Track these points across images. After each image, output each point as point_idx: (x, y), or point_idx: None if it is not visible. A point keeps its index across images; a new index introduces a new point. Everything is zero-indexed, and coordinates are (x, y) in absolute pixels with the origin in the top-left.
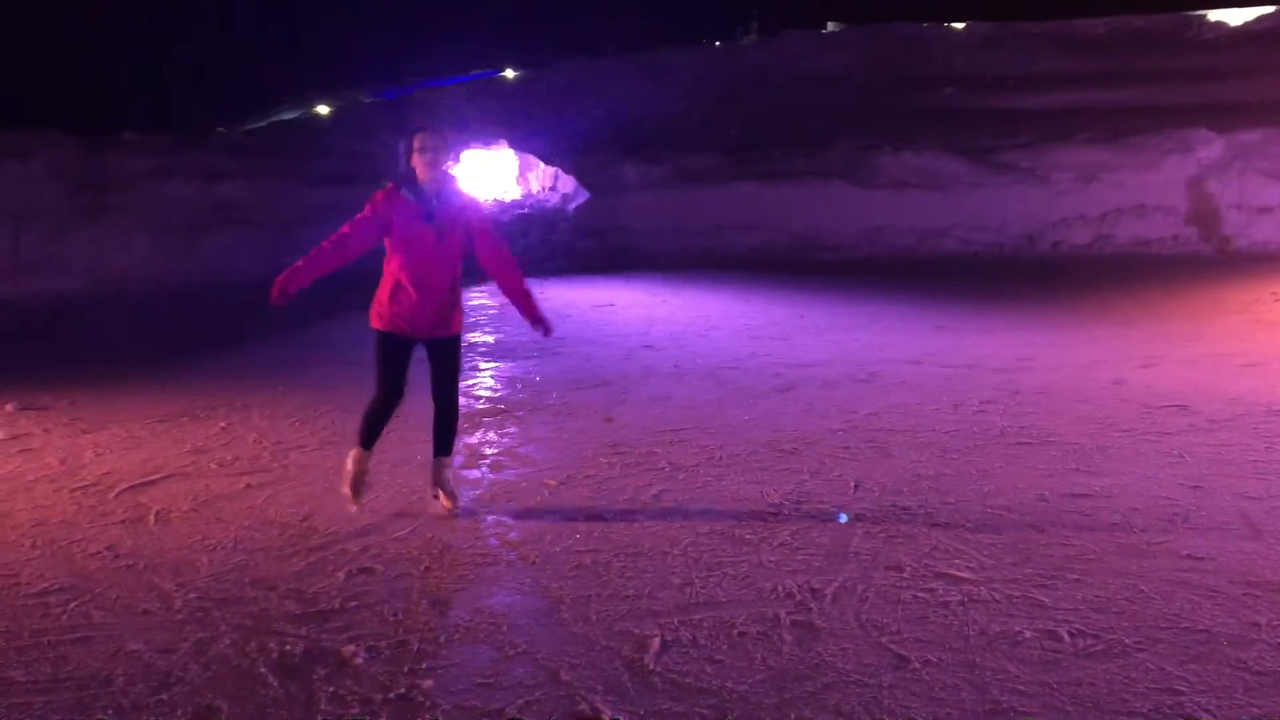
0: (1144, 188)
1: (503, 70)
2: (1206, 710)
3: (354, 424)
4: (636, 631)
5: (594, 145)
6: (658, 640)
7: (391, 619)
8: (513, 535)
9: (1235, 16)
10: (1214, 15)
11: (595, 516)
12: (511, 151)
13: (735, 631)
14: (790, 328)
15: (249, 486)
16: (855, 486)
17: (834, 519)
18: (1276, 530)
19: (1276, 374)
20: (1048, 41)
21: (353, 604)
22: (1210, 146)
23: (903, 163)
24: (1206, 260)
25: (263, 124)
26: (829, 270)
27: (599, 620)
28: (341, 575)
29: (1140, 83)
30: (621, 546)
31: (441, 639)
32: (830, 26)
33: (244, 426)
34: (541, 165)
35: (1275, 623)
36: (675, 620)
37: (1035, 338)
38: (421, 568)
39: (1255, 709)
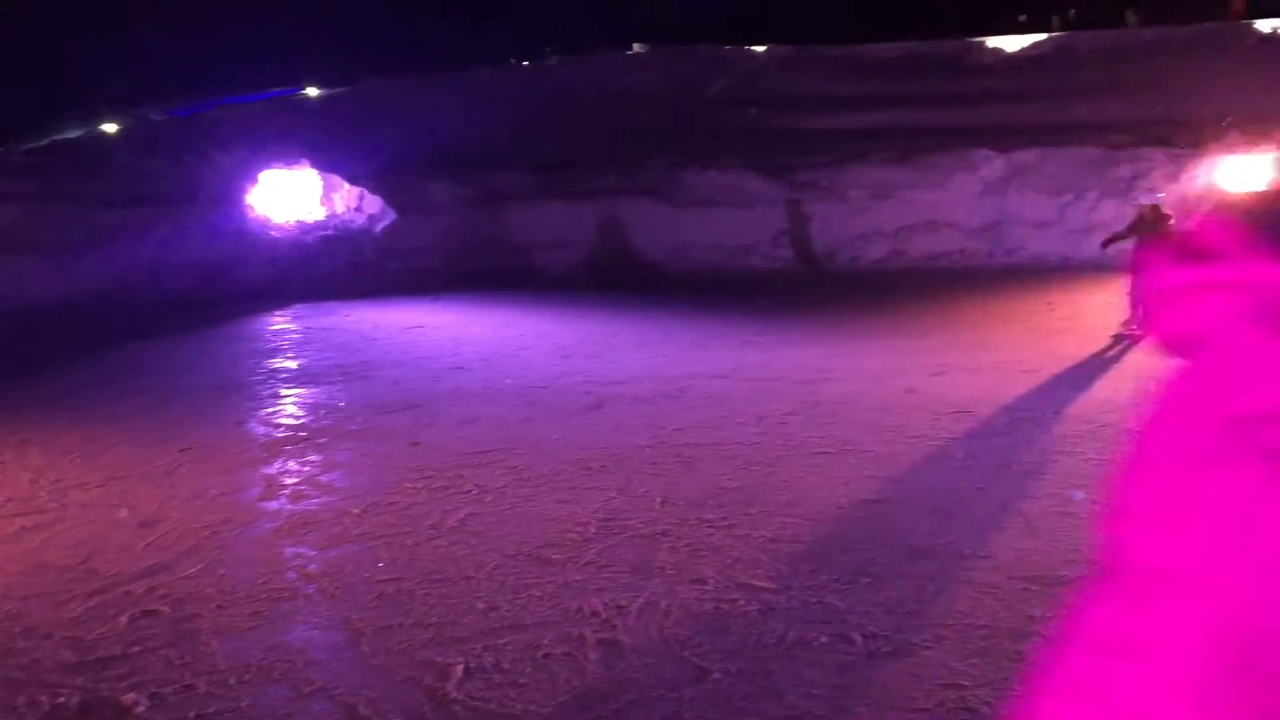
0: (934, 204)
1: (304, 87)
2: (986, 703)
3: (143, 457)
4: (439, 660)
5: (402, 165)
6: (461, 667)
7: (178, 663)
8: (312, 568)
9: (1011, 43)
10: (992, 42)
11: (399, 544)
12: (314, 171)
13: (540, 654)
14: (600, 345)
15: (23, 529)
16: (662, 502)
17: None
18: (1050, 528)
19: (1055, 378)
20: (843, 65)
21: (135, 649)
22: (992, 165)
23: (709, 181)
24: (991, 272)
25: (43, 143)
26: (639, 286)
27: (401, 650)
28: (124, 619)
29: (929, 105)
30: (425, 573)
31: (232, 680)
32: (637, 47)
33: (19, 465)
34: (346, 185)
35: (1050, 615)
36: (479, 646)
37: (835, 350)
38: (213, 606)
39: None
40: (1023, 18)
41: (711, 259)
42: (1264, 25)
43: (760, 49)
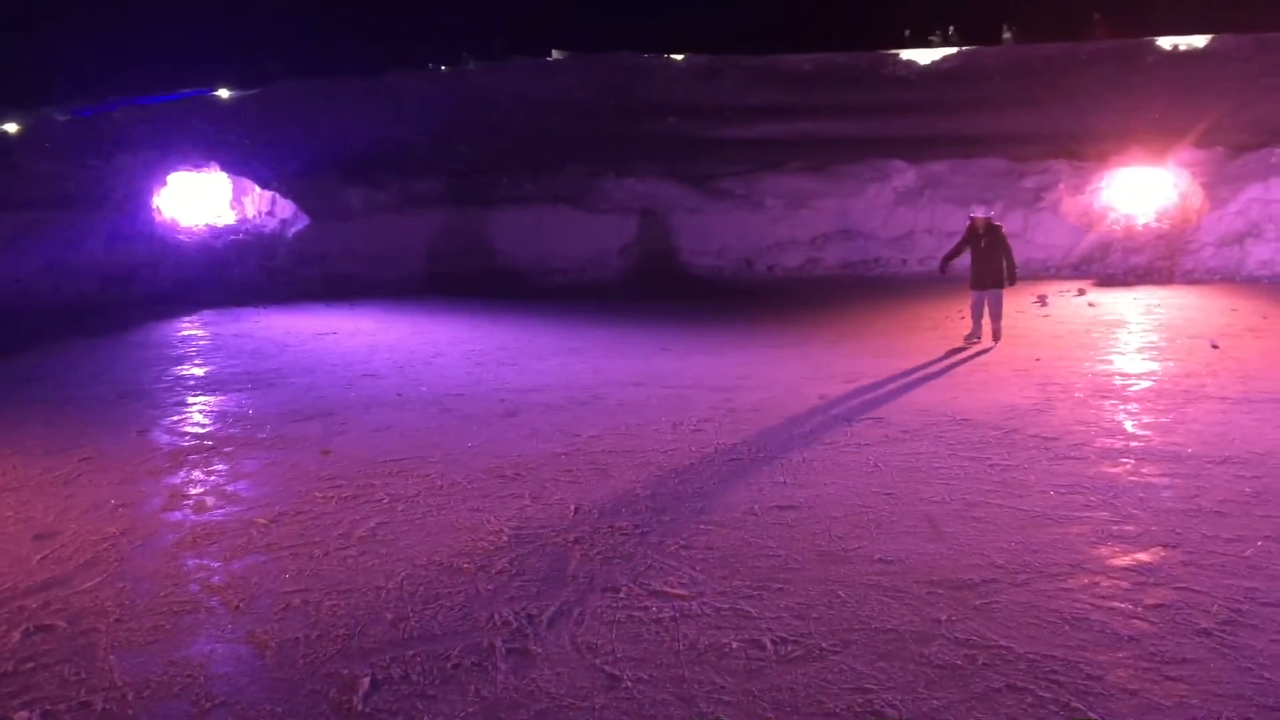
0: (848, 213)
1: (216, 89)
2: (893, 706)
3: (40, 467)
4: (345, 672)
5: (316, 169)
6: (368, 680)
7: (73, 679)
8: (216, 580)
9: (924, 56)
10: (905, 55)
11: (307, 554)
12: (224, 174)
13: (449, 664)
14: (516, 352)
15: None
16: (575, 510)
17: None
18: (956, 532)
19: (959, 385)
20: (761, 75)
21: (29, 665)
22: (905, 175)
23: (627, 188)
24: (904, 281)
25: None
26: (555, 294)
27: (306, 663)
28: (17, 635)
29: (844, 115)
30: (333, 584)
31: (130, 697)
32: (555, 54)
33: None
34: (258, 189)
35: (954, 618)
36: (387, 657)
37: (751, 357)
38: (111, 621)
39: (936, 701)
40: (907, 33)
41: (626, 265)
42: (1165, 42)
43: (679, 58)
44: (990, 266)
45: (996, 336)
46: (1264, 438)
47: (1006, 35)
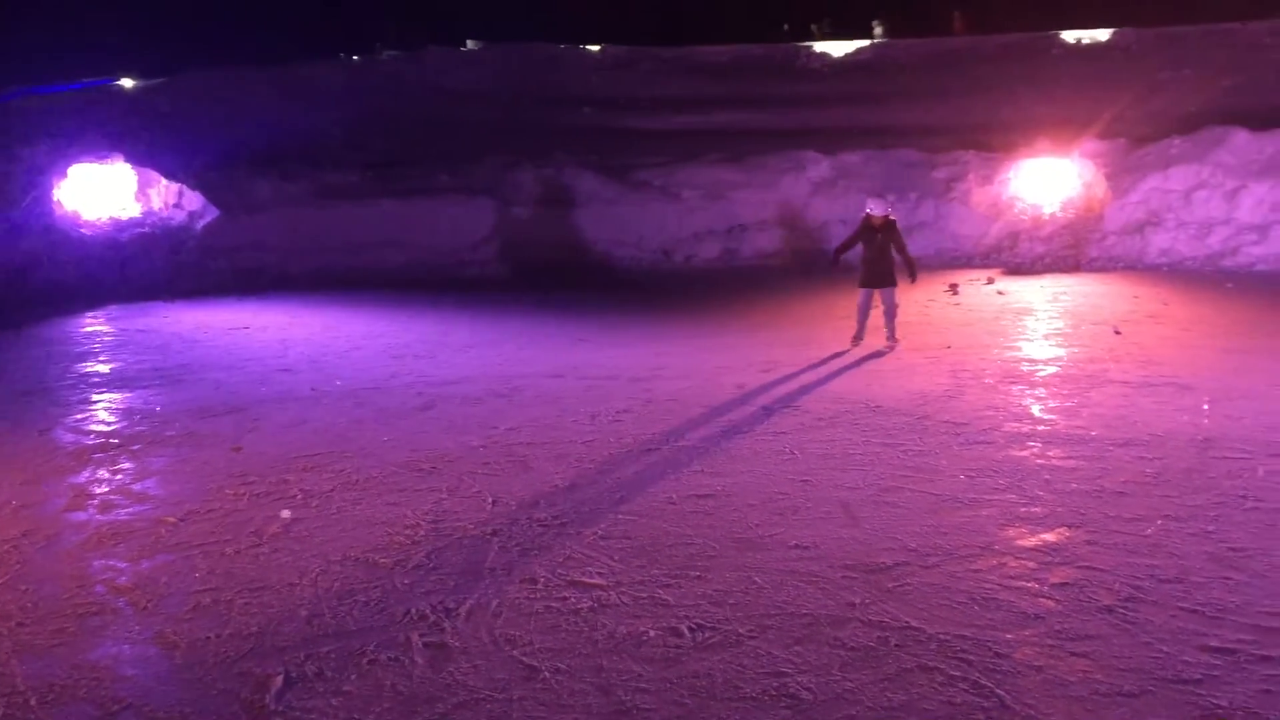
0: (764, 204)
1: (119, 78)
2: (808, 689)
3: None
4: (258, 671)
5: (225, 160)
6: (281, 678)
7: None
8: (123, 580)
9: (837, 48)
10: (819, 46)
11: (218, 553)
12: (129, 166)
13: (365, 660)
14: (433, 345)
15: None
16: (493, 502)
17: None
18: (870, 517)
19: (873, 373)
20: (677, 66)
21: None
22: (819, 167)
23: (544, 179)
24: (820, 271)
25: None
26: (472, 286)
27: (217, 663)
28: None
29: (759, 107)
30: (245, 583)
31: (33, 701)
32: (470, 44)
33: None
34: (164, 181)
35: (868, 601)
36: (301, 655)
37: (669, 347)
38: (13, 624)
39: (849, 682)
40: (786, 27)
41: (545, 257)
42: (1069, 35)
43: (595, 49)
44: (883, 265)
45: (892, 336)
46: (1163, 420)
47: (878, 31)
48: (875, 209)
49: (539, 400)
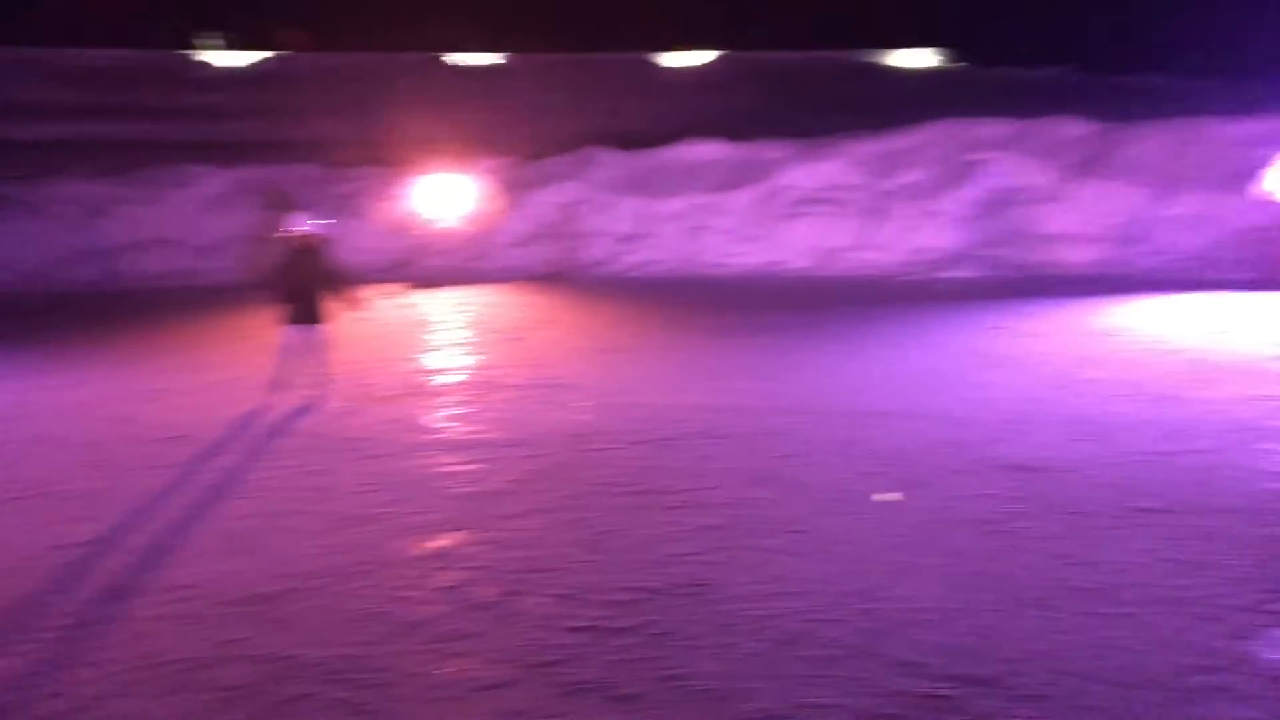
0: (155, 221)
1: None
2: None
3: None
4: None
5: None
6: None
7: None
8: None
9: (228, 59)
10: (205, 56)
11: None
12: None
13: None
14: None
15: None
16: None
17: None
18: (264, 544)
19: (277, 393)
20: (41, 70)
21: None
22: (213, 180)
23: None
24: (218, 291)
25: None
26: None
27: None
28: None
29: (142, 117)
30: None
31: None
32: None
33: None
34: None
35: (250, 635)
36: None
37: (41, 380)
38: None
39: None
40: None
41: None
42: (455, 59)
43: None
44: (312, 300)
45: (326, 381)
46: (546, 418)
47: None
48: (301, 227)
49: None
